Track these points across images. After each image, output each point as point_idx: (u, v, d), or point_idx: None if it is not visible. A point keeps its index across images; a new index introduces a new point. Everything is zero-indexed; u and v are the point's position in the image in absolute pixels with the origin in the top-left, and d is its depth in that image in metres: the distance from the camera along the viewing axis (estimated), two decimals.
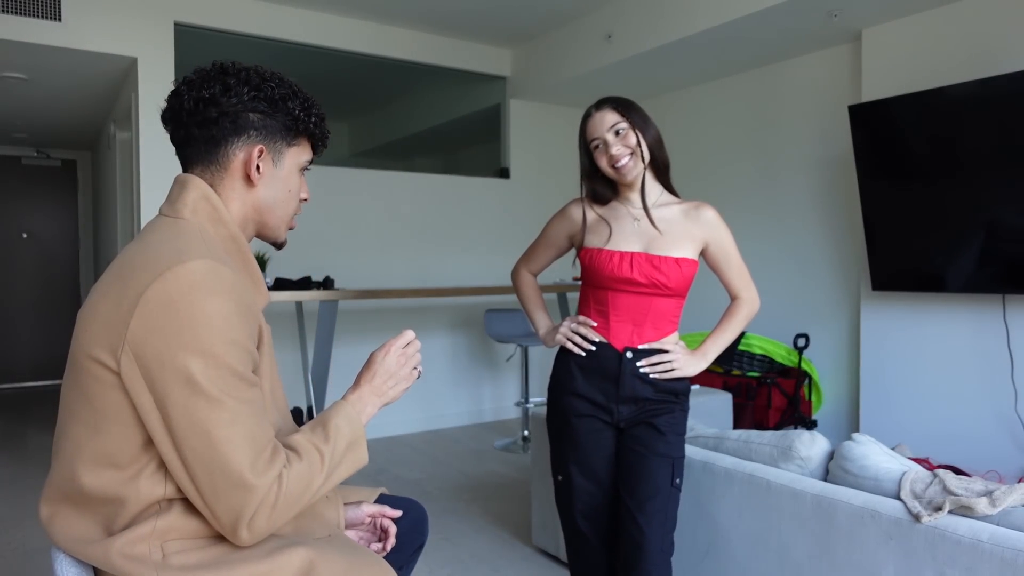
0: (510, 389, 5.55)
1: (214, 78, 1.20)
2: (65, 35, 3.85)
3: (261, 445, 1.06)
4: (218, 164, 1.21)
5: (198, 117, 1.19)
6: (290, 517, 1.11)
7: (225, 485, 1.03)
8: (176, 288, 1.03)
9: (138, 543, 1.08)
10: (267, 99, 1.21)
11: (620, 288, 1.85)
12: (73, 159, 7.24)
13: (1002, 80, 3.14)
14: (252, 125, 1.20)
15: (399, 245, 5.01)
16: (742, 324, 1.95)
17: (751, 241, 4.55)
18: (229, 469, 1.03)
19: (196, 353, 1.02)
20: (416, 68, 5.14)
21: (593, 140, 1.84)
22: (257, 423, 1.07)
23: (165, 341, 1.02)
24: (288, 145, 1.25)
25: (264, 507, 1.06)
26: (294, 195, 1.29)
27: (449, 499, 3.57)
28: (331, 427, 1.18)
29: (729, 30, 3.90)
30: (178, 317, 1.02)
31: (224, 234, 1.20)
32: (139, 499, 1.08)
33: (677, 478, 1.82)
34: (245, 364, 1.07)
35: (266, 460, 1.06)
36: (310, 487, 1.12)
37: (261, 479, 1.05)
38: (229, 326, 1.05)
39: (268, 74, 1.24)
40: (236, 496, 1.04)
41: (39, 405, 6.07)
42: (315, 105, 1.28)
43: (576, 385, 1.89)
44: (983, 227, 3.30)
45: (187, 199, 1.19)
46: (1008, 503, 1.58)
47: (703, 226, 1.87)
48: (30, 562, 2.86)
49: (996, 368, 3.44)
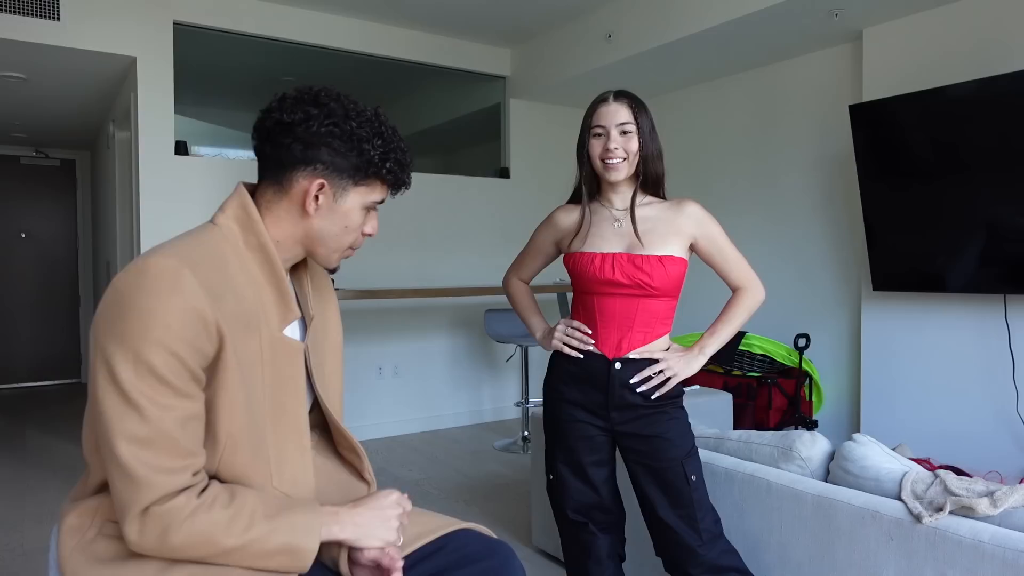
0: (510, 389, 5.54)
1: (301, 104, 1.20)
2: (64, 35, 3.85)
3: (168, 452, 1.04)
4: (280, 185, 1.22)
5: (274, 139, 1.20)
6: (181, 555, 1.05)
7: (115, 473, 1.03)
8: (128, 281, 1.05)
9: (84, 515, 1.13)
10: (344, 136, 1.20)
11: (605, 291, 1.83)
12: (72, 159, 7.24)
13: (1002, 80, 3.14)
14: (320, 159, 1.19)
15: (399, 245, 5.01)
16: (744, 315, 1.88)
17: (751, 241, 4.54)
18: (119, 460, 1.02)
19: (123, 346, 1.02)
20: (416, 68, 5.14)
21: (598, 127, 1.82)
22: (168, 431, 1.03)
23: (104, 328, 1.04)
24: (355, 184, 1.23)
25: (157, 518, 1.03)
26: (351, 230, 1.26)
27: (449, 499, 3.56)
28: (284, 516, 1.10)
29: (729, 30, 3.89)
30: (119, 307, 1.04)
31: (254, 242, 1.19)
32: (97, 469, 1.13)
33: (692, 475, 1.81)
34: (174, 371, 1.04)
35: (169, 469, 1.03)
36: (215, 542, 1.05)
37: (157, 477, 1.02)
38: (166, 329, 1.03)
39: (356, 110, 1.22)
40: (126, 490, 1.03)
41: (38, 405, 6.06)
42: (397, 150, 1.25)
43: (568, 392, 1.88)
44: (984, 227, 3.29)
45: (227, 205, 1.21)
46: (1009, 504, 1.57)
47: (687, 221, 1.84)
48: (30, 562, 2.86)
49: (997, 368, 3.43)
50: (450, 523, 1.35)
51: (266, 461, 1.17)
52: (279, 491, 1.18)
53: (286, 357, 1.21)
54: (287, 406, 1.22)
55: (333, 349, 1.39)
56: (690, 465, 1.81)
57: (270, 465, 1.17)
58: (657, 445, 1.81)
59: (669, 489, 1.80)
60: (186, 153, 4.29)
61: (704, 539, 1.79)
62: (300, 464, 1.23)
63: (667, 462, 1.80)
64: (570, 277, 1.92)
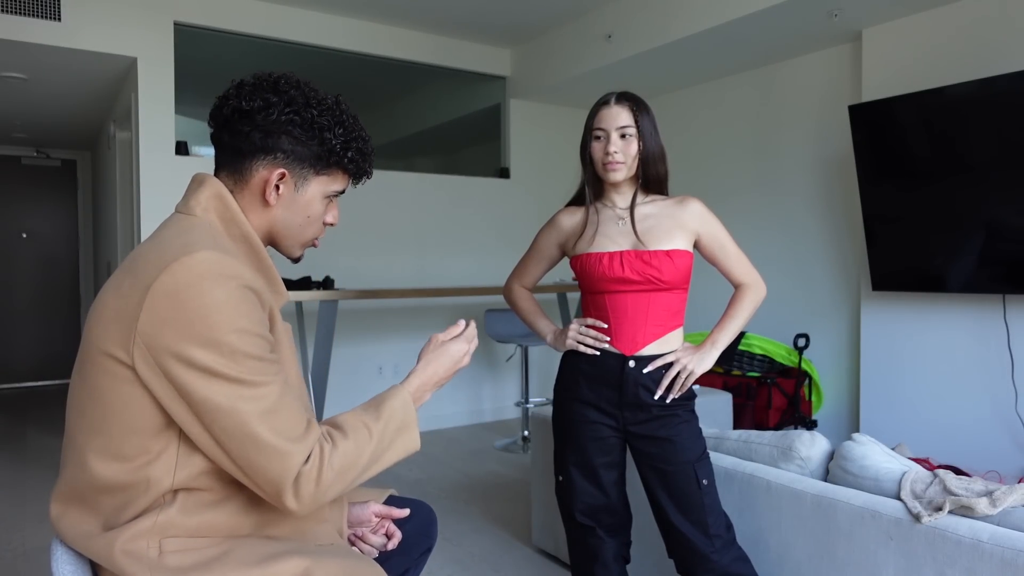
0: (510, 389, 5.55)
1: (260, 91, 1.18)
2: (65, 35, 3.85)
3: (291, 416, 1.08)
4: (240, 175, 1.21)
5: (232, 127, 1.18)
6: (337, 492, 1.12)
7: (260, 457, 1.05)
8: (182, 279, 1.04)
9: (139, 538, 1.09)
10: (305, 125, 1.18)
11: (616, 289, 1.83)
12: (73, 159, 7.24)
13: (1002, 80, 3.14)
14: (281, 147, 1.18)
15: (399, 245, 5.01)
16: (750, 310, 1.90)
17: (751, 241, 4.55)
18: (260, 441, 1.05)
19: (207, 342, 1.03)
20: (416, 68, 5.14)
21: (598, 129, 1.83)
22: (281, 397, 1.08)
23: (176, 332, 1.03)
24: (317, 173, 1.22)
25: (307, 476, 1.07)
26: (313, 220, 1.26)
27: (449, 499, 3.56)
28: (385, 408, 1.20)
29: (729, 30, 3.90)
30: (185, 308, 1.03)
31: (236, 233, 1.19)
32: (147, 490, 1.09)
33: (704, 479, 1.81)
34: (259, 347, 1.07)
35: (300, 430, 1.08)
36: (357, 463, 1.13)
37: (297, 446, 1.07)
38: (237, 313, 1.05)
39: (317, 98, 1.20)
40: (273, 466, 1.05)
41: (39, 405, 6.06)
42: (358, 139, 1.24)
43: (581, 391, 1.88)
44: (983, 227, 3.30)
45: (200, 197, 1.19)
46: (1008, 503, 1.57)
47: (691, 218, 1.85)
48: (30, 562, 2.86)
49: (996, 368, 3.44)
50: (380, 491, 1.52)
51: None
52: None
53: (286, 337, 1.24)
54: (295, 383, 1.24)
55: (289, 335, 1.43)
56: (701, 469, 1.81)
57: None
58: (668, 448, 1.81)
59: (680, 493, 1.80)
60: (187, 153, 4.30)
61: (716, 545, 1.79)
62: None
63: (678, 465, 1.80)
64: (579, 279, 1.92)
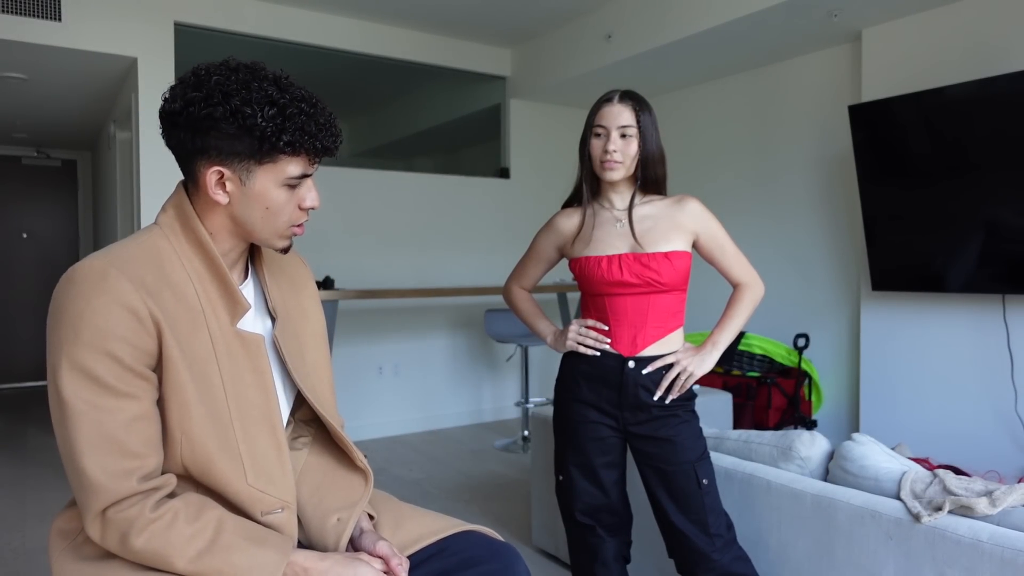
0: (510, 389, 5.55)
1: (184, 88, 1.11)
2: (65, 35, 3.85)
3: (115, 454, 1.03)
4: (190, 178, 1.17)
5: (167, 131, 1.13)
6: (143, 562, 1.05)
7: (75, 482, 1.05)
8: (58, 289, 1.07)
9: (72, 519, 1.13)
10: (228, 117, 1.08)
11: (615, 292, 1.83)
12: (73, 159, 7.24)
13: (1002, 80, 3.14)
14: (211, 145, 1.10)
15: (399, 245, 5.02)
16: (749, 309, 1.90)
17: (751, 241, 4.55)
18: (77, 467, 1.03)
19: (60, 354, 1.03)
20: (416, 68, 5.14)
21: (599, 127, 1.83)
22: (114, 432, 1.03)
23: (48, 339, 1.06)
24: (259, 163, 1.12)
25: (115, 522, 1.03)
26: (276, 211, 1.16)
27: (449, 499, 3.57)
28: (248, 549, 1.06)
29: (729, 30, 3.90)
30: (54, 317, 1.05)
31: (192, 239, 1.16)
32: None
33: (704, 479, 1.81)
34: (112, 372, 1.03)
35: (116, 472, 1.03)
36: (168, 558, 1.03)
37: (112, 483, 1.02)
38: (96, 331, 1.02)
39: (239, 83, 1.09)
40: (81, 493, 1.04)
41: (39, 405, 6.06)
42: (294, 116, 1.10)
43: (581, 392, 1.88)
44: (983, 227, 3.30)
45: (168, 205, 1.19)
46: (1008, 503, 1.58)
47: (689, 217, 1.85)
48: (30, 562, 2.86)
49: (996, 368, 3.44)
50: (453, 524, 1.32)
51: (236, 458, 1.13)
52: (255, 489, 1.15)
53: (243, 351, 1.17)
54: (253, 401, 1.17)
55: (315, 339, 1.34)
56: (702, 469, 1.81)
57: (241, 462, 1.14)
58: (668, 448, 1.81)
59: (680, 493, 1.81)
60: None
61: (717, 544, 1.80)
62: (276, 461, 1.18)
63: (678, 465, 1.80)
64: (578, 281, 1.92)
